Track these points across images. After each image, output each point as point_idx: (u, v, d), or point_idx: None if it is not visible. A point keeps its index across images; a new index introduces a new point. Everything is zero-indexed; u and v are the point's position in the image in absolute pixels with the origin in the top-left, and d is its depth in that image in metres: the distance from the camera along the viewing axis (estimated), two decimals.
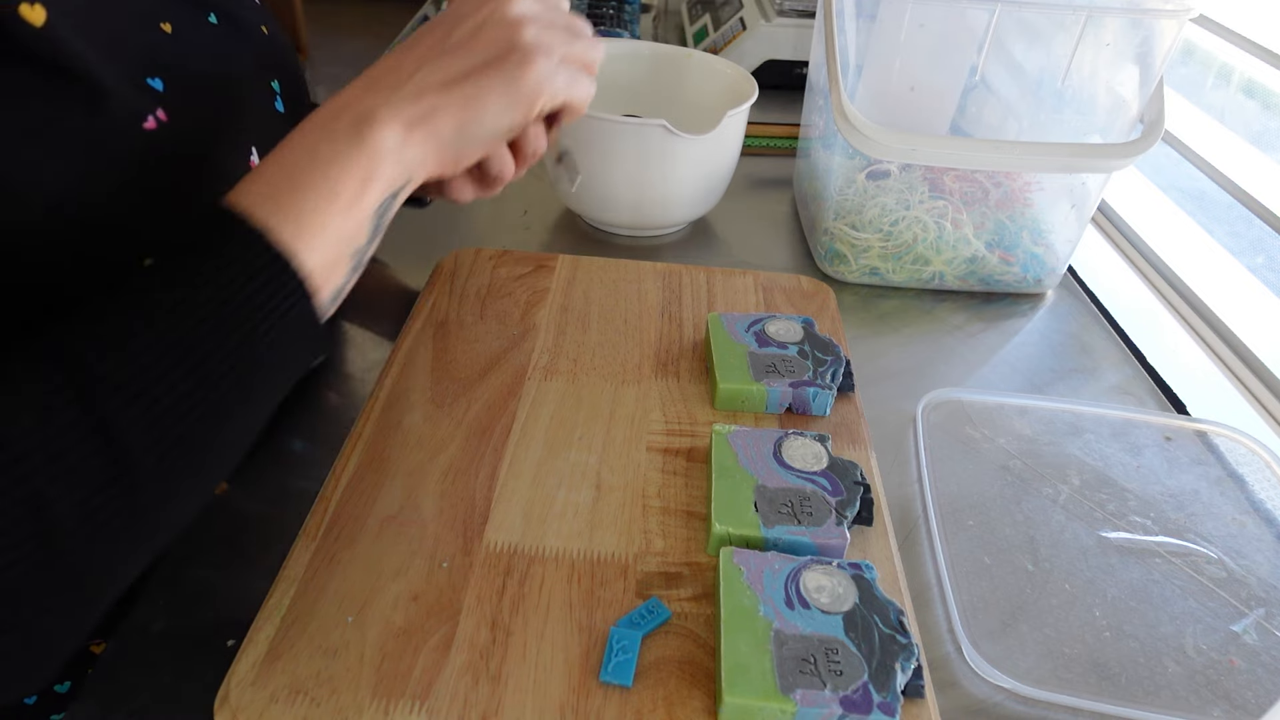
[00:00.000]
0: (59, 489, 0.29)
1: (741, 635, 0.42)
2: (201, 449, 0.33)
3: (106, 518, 0.30)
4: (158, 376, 0.31)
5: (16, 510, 0.29)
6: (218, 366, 0.32)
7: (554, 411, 0.58)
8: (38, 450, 0.29)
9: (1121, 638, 0.49)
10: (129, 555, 0.33)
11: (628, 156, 0.75)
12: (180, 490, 0.33)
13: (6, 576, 0.28)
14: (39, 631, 0.31)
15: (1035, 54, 0.77)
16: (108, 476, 0.30)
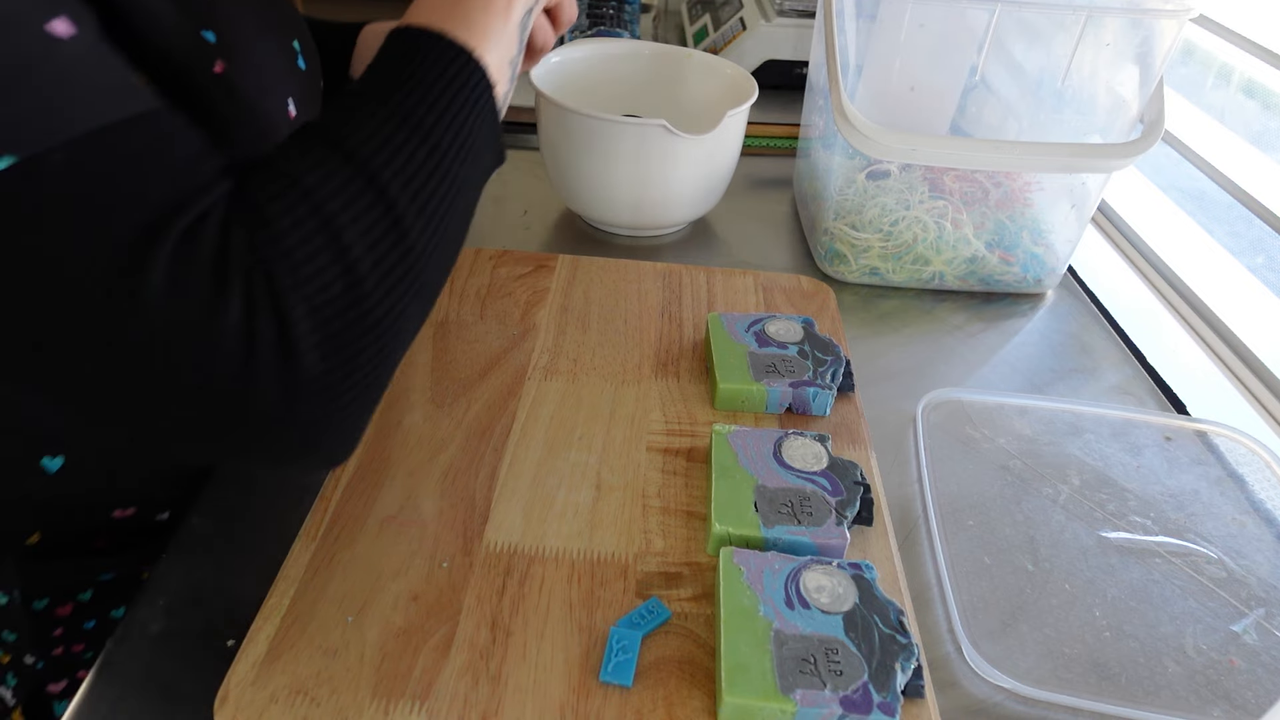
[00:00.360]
0: (352, 235, 0.35)
1: (741, 635, 0.42)
2: (443, 212, 0.39)
3: (391, 264, 0.36)
4: (399, 146, 0.37)
5: (322, 257, 0.35)
6: (440, 140, 0.39)
7: (554, 411, 0.58)
8: (323, 189, 0.35)
9: (1121, 638, 0.49)
10: (408, 305, 0.38)
11: (628, 156, 0.75)
12: (435, 248, 0.39)
13: (321, 319, 0.34)
14: (356, 388, 0.36)
15: (1035, 54, 0.77)
16: (386, 225, 0.36)
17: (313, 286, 0.34)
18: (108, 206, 0.32)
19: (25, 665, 0.57)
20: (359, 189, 0.36)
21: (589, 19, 1.17)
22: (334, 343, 0.35)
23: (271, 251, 0.34)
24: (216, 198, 0.35)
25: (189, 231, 0.33)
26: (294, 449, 0.37)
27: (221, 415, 0.34)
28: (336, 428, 0.37)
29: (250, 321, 0.33)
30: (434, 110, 0.39)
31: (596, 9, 1.20)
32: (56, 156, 0.31)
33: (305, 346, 0.34)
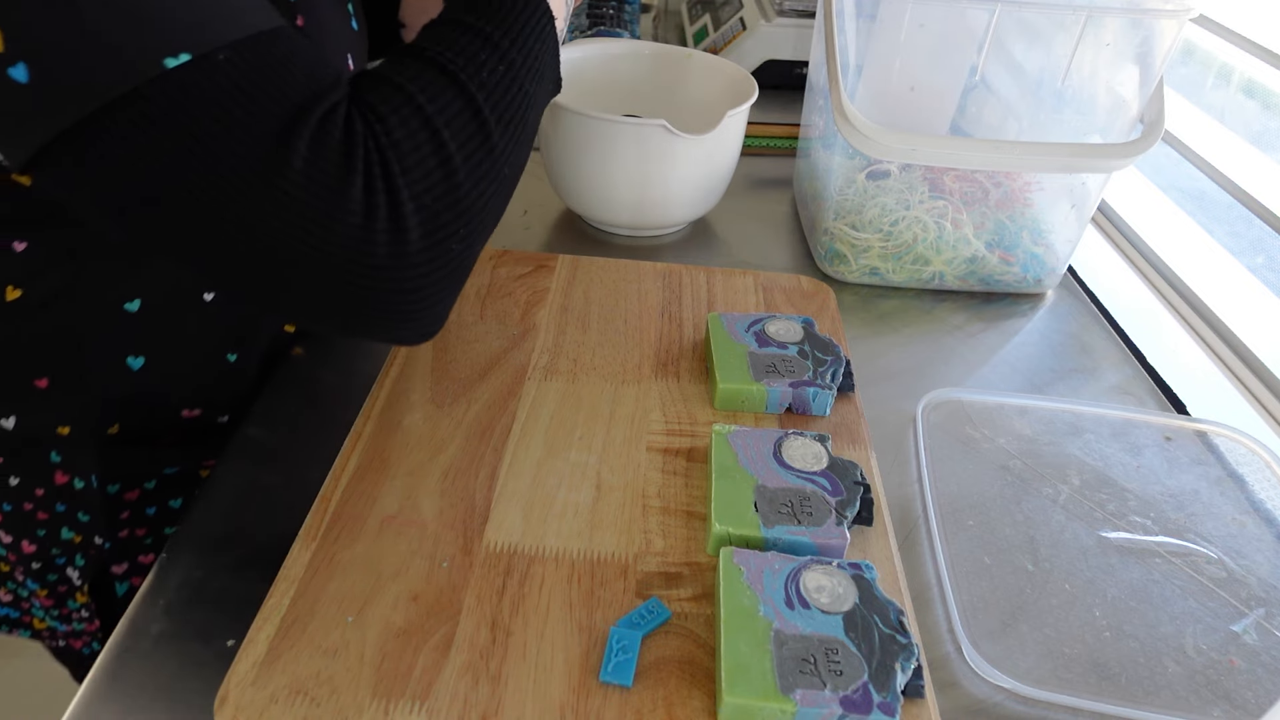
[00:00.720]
0: (448, 134, 0.43)
1: (741, 635, 0.42)
2: (518, 119, 0.46)
3: (478, 159, 0.44)
4: (482, 63, 0.45)
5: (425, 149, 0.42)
6: (514, 59, 0.46)
7: (554, 411, 0.58)
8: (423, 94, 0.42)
9: (1121, 638, 0.49)
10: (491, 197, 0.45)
11: (628, 156, 0.75)
12: (511, 149, 0.46)
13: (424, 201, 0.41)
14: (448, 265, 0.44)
15: (1035, 54, 0.77)
16: (474, 127, 0.44)
17: (418, 173, 0.41)
18: (261, 97, 0.38)
19: (94, 546, 0.63)
20: (452, 96, 0.43)
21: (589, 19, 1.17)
22: (433, 221, 0.42)
23: (385, 142, 0.41)
24: (342, 95, 0.41)
25: (325, 119, 0.40)
26: (394, 314, 0.43)
27: (340, 276, 0.41)
28: (430, 298, 0.44)
29: (370, 196, 0.40)
30: (509, 35, 0.47)
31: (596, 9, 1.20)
32: (221, 56, 0.37)
33: (411, 222, 0.41)
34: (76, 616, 0.68)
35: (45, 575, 0.65)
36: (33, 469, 0.59)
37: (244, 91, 0.38)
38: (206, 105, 0.37)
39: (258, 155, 0.38)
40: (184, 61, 0.36)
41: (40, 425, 0.58)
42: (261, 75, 0.38)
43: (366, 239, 0.40)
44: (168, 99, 0.36)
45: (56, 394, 0.56)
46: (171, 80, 0.36)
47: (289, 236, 0.39)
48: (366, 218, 0.40)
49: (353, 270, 0.40)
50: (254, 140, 0.38)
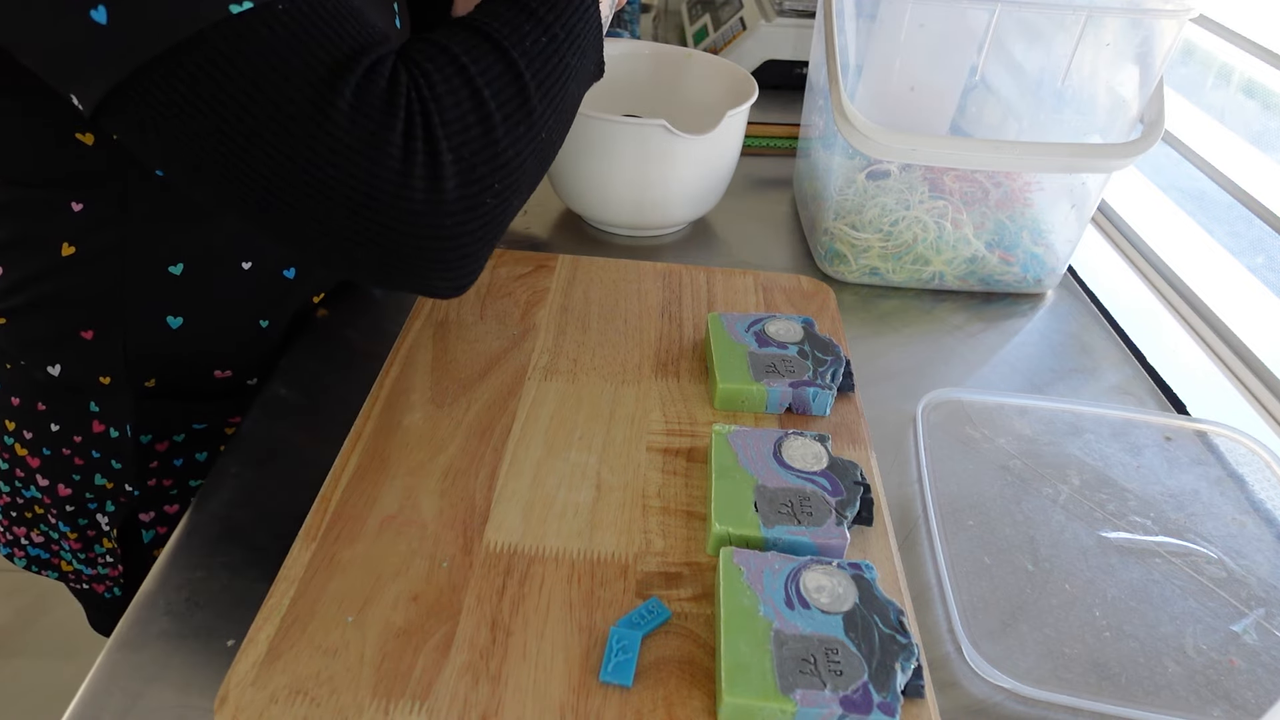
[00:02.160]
0: (489, 93, 0.45)
1: (741, 635, 0.42)
2: (558, 88, 0.49)
3: (517, 119, 0.46)
4: (526, 33, 0.47)
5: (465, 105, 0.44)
6: (557, 32, 0.49)
7: (554, 411, 0.58)
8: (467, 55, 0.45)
9: (1121, 638, 0.49)
10: (528, 158, 0.47)
11: (628, 156, 0.75)
12: (550, 115, 0.49)
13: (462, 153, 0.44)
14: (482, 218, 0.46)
15: (1035, 54, 0.77)
16: (514, 90, 0.46)
17: (457, 125, 0.44)
18: (313, 45, 0.41)
19: (124, 493, 0.67)
20: (495, 59, 0.46)
21: None
22: (470, 173, 0.44)
23: (428, 93, 0.43)
24: (389, 48, 0.44)
25: (371, 68, 0.42)
26: (429, 260, 0.45)
27: (378, 219, 0.43)
28: (464, 248, 0.46)
29: (409, 142, 0.42)
30: (553, 10, 0.49)
31: None
32: (280, 5, 0.40)
33: (448, 172, 0.43)
34: (101, 561, 0.71)
35: (77, 519, 0.69)
36: (73, 416, 0.64)
37: (298, 38, 0.41)
38: (264, 50, 0.40)
39: (308, 97, 0.41)
40: (246, 9, 0.39)
41: (83, 375, 0.62)
42: (314, 24, 0.41)
43: (404, 182, 0.42)
44: (229, 43, 0.39)
45: (100, 346, 0.61)
46: (234, 25, 0.39)
47: (333, 175, 0.42)
48: (405, 161, 0.42)
49: (391, 213, 0.43)
50: (305, 84, 0.41)
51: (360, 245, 0.44)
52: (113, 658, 0.46)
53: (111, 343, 0.61)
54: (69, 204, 0.55)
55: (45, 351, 0.61)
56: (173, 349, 0.62)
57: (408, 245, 0.44)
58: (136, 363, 0.62)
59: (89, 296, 0.59)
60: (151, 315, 0.60)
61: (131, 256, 0.58)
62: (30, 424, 0.64)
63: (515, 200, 0.48)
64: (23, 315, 0.60)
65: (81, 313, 0.60)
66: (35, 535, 0.72)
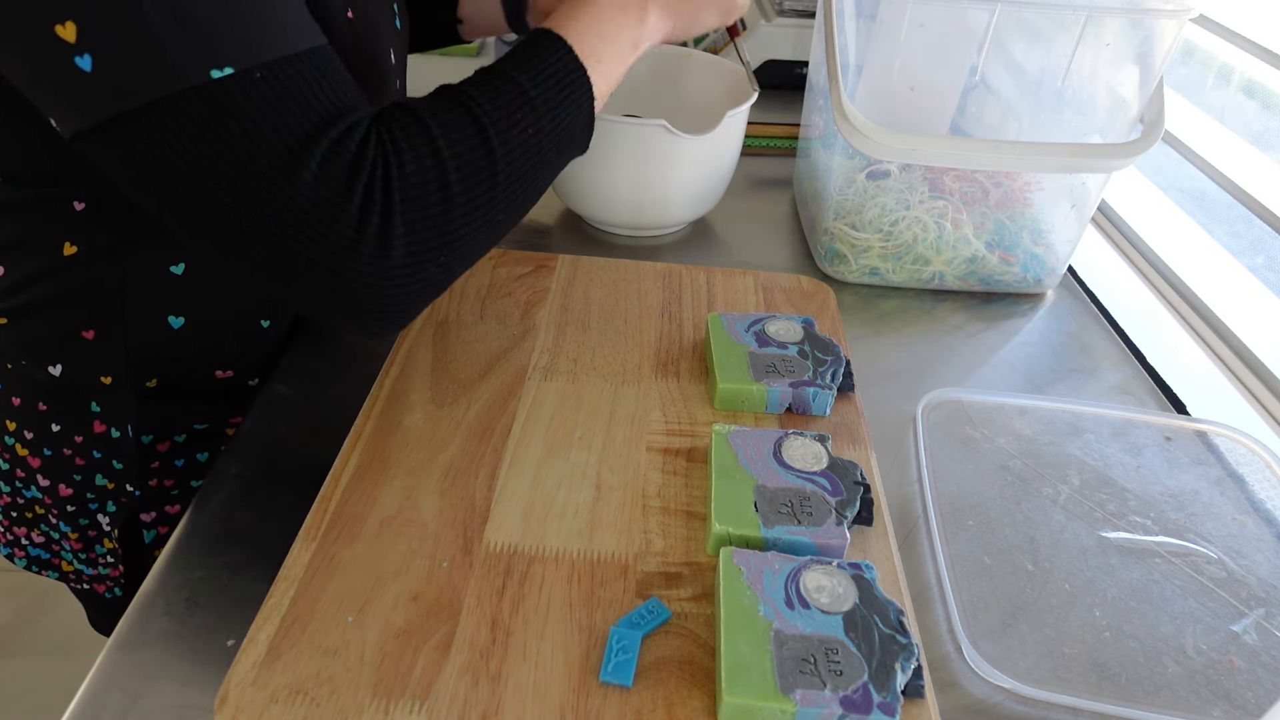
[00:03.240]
0: (461, 175, 0.47)
1: (741, 635, 0.42)
2: (530, 175, 0.51)
3: (479, 202, 0.48)
4: (513, 118, 0.49)
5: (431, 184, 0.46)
6: (545, 122, 0.50)
7: (554, 411, 0.58)
8: (444, 136, 0.47)
9: (1121, 638, 0.49)
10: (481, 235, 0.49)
11: (628, 156, 0.75)
12: (514, 199, 0.50)
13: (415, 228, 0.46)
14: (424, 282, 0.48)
15: (1035, 54, 0.77)
16: (485, 174, 0.48)
17: (416, 204, 0.46)
18: (287, 113, 0.43)
19: (125, 493, 0.67)
20: (474, 144, 0.48)
21: None
22: (419, 246, 0.46)
23: (395, 170, 0.45)
24: (361, 118, 0.46)
25: (339, 139, 0.44)
26: (367, 314, 0.48)
27: (326, 276, 0.45)
28: (400, 305, 0.48)
29: (365, 215, 0.44)
30: (549, 102, 0.51)
31: None
32: (259, 73, 0.42)
33: (398, 243, 0.45)
34: (102, 561, 0.71)
35: (77, 519, 0.69)
36: (74, 416, 0.63)
37: (272, 106, 0.42)
38: (238, 115, 0.42)
39: (275, 163, 0.43)
40: (227, 74, 0.41)
41: (84, 374, 0.62)
42: (289, 94, 0.43)
43: (354, 249, 0.44)
44: (206, 105, 0.41)
45: (102, 346, 0.61)
46: (213, 89, 0.41)
47: (289, 233, 0.44)
48: (358, 230, 0.44)
49: (337, 273, 0.45)
50: (274, 150, 0.42)
51: (305, 292, 0.47)
52: (113, 658, 0.46)
53: (113, 343, 0.61)
54: (70, 203, 0.55)
55: (46, 352, 0.61)
56: (174, 349, 0.62)
57: (348, 301, 0.47)
58: (138, 363, 0.62)
59: (90, 296, 0.59)
60: (153, 315, 0.61)
61: (133, 256, 0.58)
62: (31, 424, 0.64)
63: (460, 268, 0.50)
64: (24, 315, 0.60)
65: (83, 313, 0.60)
66: (36, 535, 0.72)
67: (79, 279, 0.58)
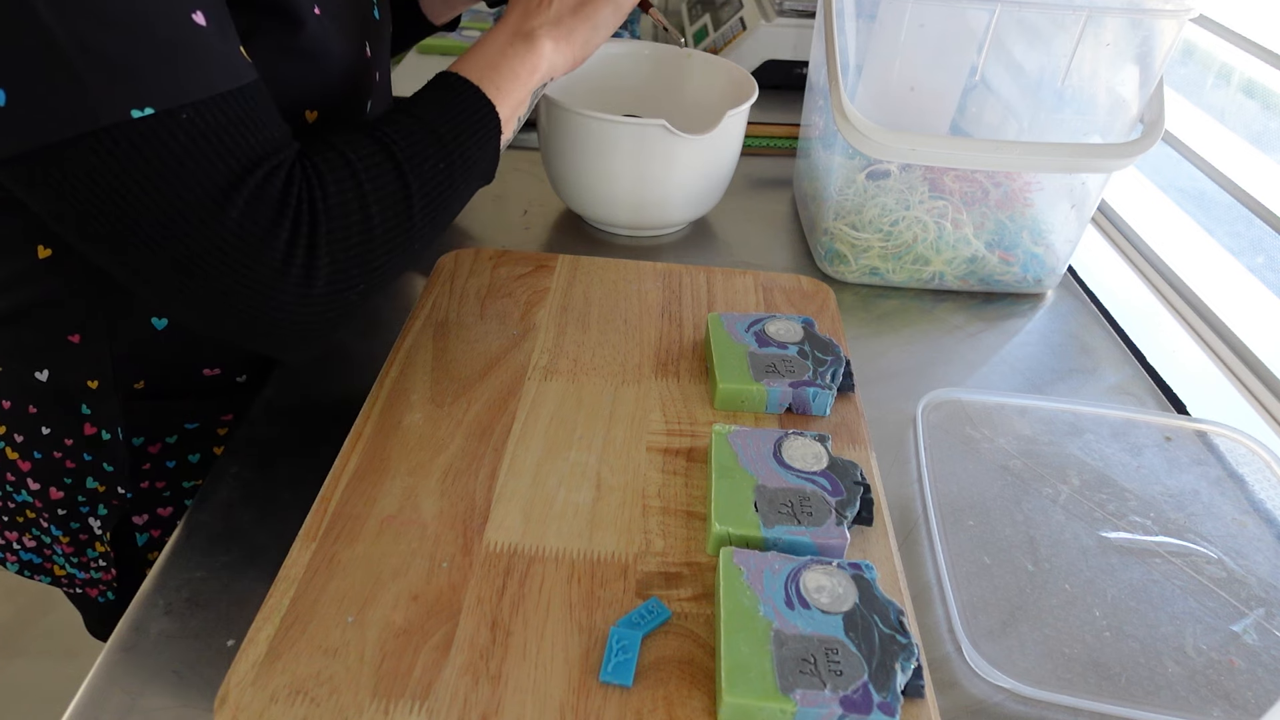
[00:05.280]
0: (377, 211, 0.50)
1: (741, 635, 0.42)
2: (441, 208, 0.54)
3: (396, 235, 0.51)
4: (427, 156, 0.52)
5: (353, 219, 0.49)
6: (455, 160, 0.54)
7: (554, 411, 0.58)
8: (365, 172, 0.49)
9: (1121, 638, 0.49)
10: (395, 265, 0.52)
11: (628, 156, 0.75)
12: (426, 230, 0.53)
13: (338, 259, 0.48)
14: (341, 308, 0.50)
15: (1035, 54, 0.77)
16: (401, 210, 0.51)
17: (339, 238, 0.48)
18: (213, 154, 0.43)
19: (117, 496, 0.67)
20: (391, 179, 0.50)
21: None
22: (340, 276, 0.49)
23: (320, 207, 0.47)
24: (288, 155, 0.47)
25: (266, 178, 0.45)
26: (286, 340, 0.50)
27: (249, 306, 0.47)
28: (321, 331, 0.50)
29: (291, 250, 0.46)
30: (458, 137, 0.54)
31: None
32: (185, 114, 0.42)
33: (321, 276, 0.48)
34: (94, 565, 0.71)
35: (69, 523, 0.68)
36: (63, 420, 0.63)
37: (198, 146, 0.43)
38: (163, 155, 0.42)
39: (201, 201, 0.43)
40: (148, 114, 0.41)
41: (72, 379, 0.62)
42: (217, 134, 0.43)
43: (279, 280, 0.46)
44: (128, 144, 0.41)
45: (87, 349, 0.61)
46: (134, 128, 0.41)
47: (215, 270, 0.45)
48: (284, 264, 0.46)
49: (261, 302, 0.47)
50: (201, 190, 0.43)
51: (227, 321, 0.48)
52: (112, 658, 0.46)
53: (98, 346, 0.60)
54: None
55: (33, 357, 0.61)
56: (159, 350, 0.62)
57: (269, 328, 0.48)
58: (124, 365, 0.62)
59: (71, 299, 0.58)
60: (136, 317, 0.60)
61: None
62: (21, 427, 0.63)
63: (375, 293, 0.53)
64: (7, 321, 0.60)
65: (66, 317, 0.59)
66: (27, 540, 0.72)
67: (57, 281, 0.58)
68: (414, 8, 0.77)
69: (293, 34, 0.52)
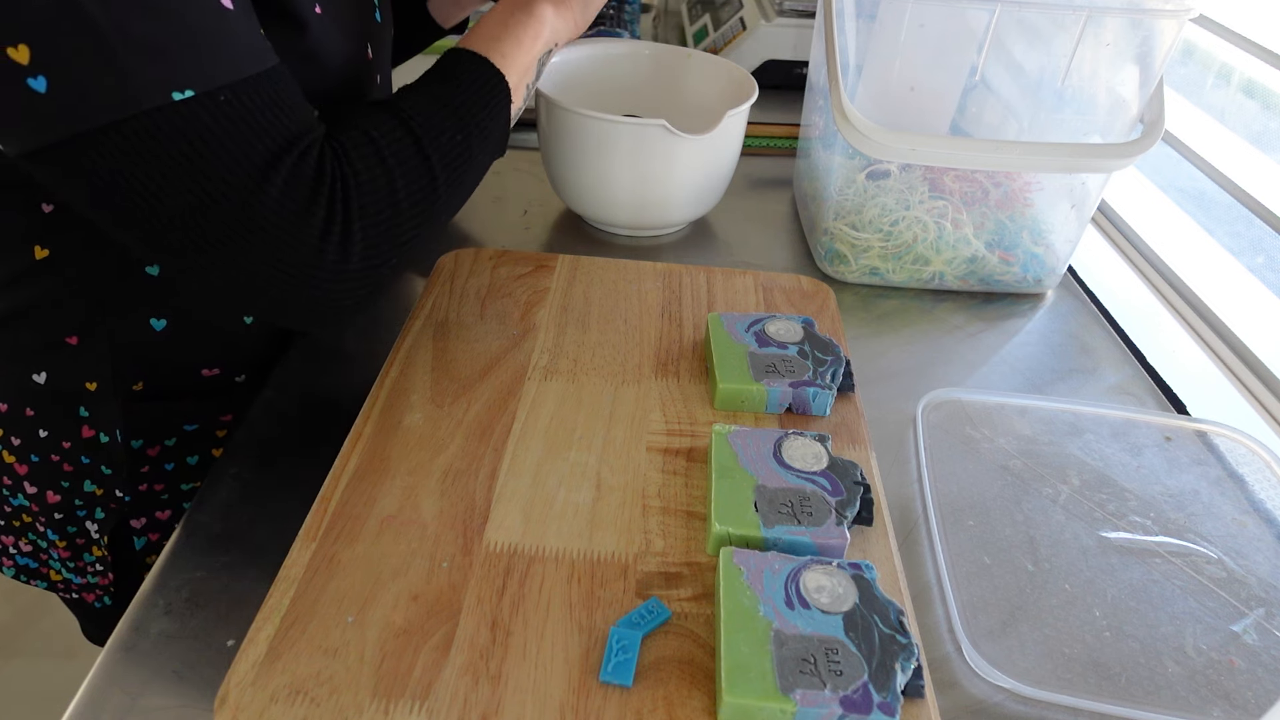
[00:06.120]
0: (402, 184, 0.51)
1: (741, 635, 0.42)
2: (461, 177, 0.55)
3: (421, 207, 0.52)
4: (444, 127, 0.54)
5: (381, 194, 0.50)
6: (471, 129, 0.55)
7: (554, 411, 0.58)
8: (389, 148, 0.51)
9: (1121, 638, 0.49)
10: (423, 235, 0.54)
11: (628, 156, 0.75)
12: (450, 200, 0.55)
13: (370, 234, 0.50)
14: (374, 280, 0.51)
15: (1035, 54, 0.77)
16: (425, 181, 0.52)
17: (370, 213, 0.49)
18: (250, 134, 0.44)
19: (114, 499, 0.67)
20: (412, 153, 0.52)
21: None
22: (373, 250, 0.50)
23: (351, 184, 0.49)
24: (318, 135, 0.48)
25: (301, 157, 0.46)
26: (322, 314, 0.51)
27: (287, 282, 0.48)
28: (356, 304, 0.52)
29: (329, 225, 0.48)
30: (471, 108, 0.55)
31: None
32: (222, 96, 0.43)
33: (356, 251, 0.49)
34: (91, 570, 0.71)
35: (65, 527, 0.68)
36: (61, 422, 0.63)
37: (237, 127, 0.44)
38: (205, 135, 0.43)
39: (243, 181, 0.44)
40: (188, 96, 0.42)
41: (69, 381, 0.62)
42: (253, 114, 0.44)
43: (318, 257, 0.47)
44: (170, 126, 0.42)
45: (85, 351, 0.61)
46: (176, 111, 0.42)
47: (254, 248, 0.46)
48: (323, 239, 0.47)
49: (299, 279, 0.48)
50: (241, 170, 0.44)
51: (268, 297, 0.49)
52: (113, 658, 0.46)
53: (97, 348, 0.60)
54: (39, 205, 0.55)
55: (30, 359, 0.60)
56: (158, 351, 0.62)
57: (310, 302, 0.49)
58: (123, 367, 0.62)
59: (69, 300, 0.58)
60: (134, 318, 0.60)
61: (107, 259, 0.57)
62: (18, 430, 0.63)
63: (402, 268, 0.55)
64: (4, 323, 0.59)
65: (64, 318, 0.59)
66: (23, 544, 0.71)
67: (54, 281, 0.58)
68: (423, 12, 0.77)
69: (297, 36, 0.52)
